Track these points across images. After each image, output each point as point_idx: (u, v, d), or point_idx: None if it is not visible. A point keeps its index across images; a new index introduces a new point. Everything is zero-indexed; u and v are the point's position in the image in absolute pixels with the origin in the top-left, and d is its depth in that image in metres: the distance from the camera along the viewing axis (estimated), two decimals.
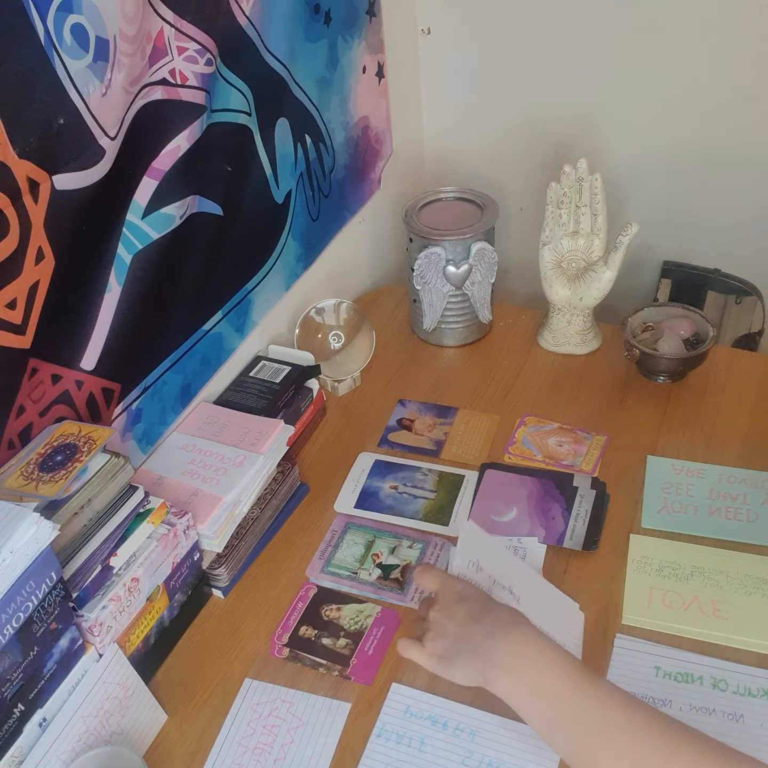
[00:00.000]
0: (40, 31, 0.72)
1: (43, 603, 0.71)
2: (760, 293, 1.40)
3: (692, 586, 0.90)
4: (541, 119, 1.44)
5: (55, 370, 0.85)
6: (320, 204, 1.27)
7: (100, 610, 0.78)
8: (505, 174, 1.52)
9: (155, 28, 0.86)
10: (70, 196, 0.79)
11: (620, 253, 1.16)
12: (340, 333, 1.28)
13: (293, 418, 1.11)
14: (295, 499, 1.07)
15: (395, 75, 1.39)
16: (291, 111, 1.14)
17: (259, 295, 1.17)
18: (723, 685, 0.82)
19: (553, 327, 1.27)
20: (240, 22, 0.99)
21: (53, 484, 0.75)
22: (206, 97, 0.94)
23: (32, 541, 0.68)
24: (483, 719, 0.82)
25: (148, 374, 0.99)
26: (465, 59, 1.45)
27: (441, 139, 1.57)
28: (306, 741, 0.82)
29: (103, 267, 0.88)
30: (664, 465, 1.05)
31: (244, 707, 0.85)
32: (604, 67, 1.34)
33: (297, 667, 0.89)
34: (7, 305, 0.76)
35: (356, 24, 1.24)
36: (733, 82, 1.27)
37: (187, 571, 0.91)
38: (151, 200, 0.91)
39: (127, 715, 0.81)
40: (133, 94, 0.85)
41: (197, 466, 0.99)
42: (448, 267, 1.23)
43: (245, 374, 1.16)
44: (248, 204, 1.09)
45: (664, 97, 1.33)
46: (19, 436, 0.82)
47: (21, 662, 0.70)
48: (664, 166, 1.40)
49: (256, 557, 1.01)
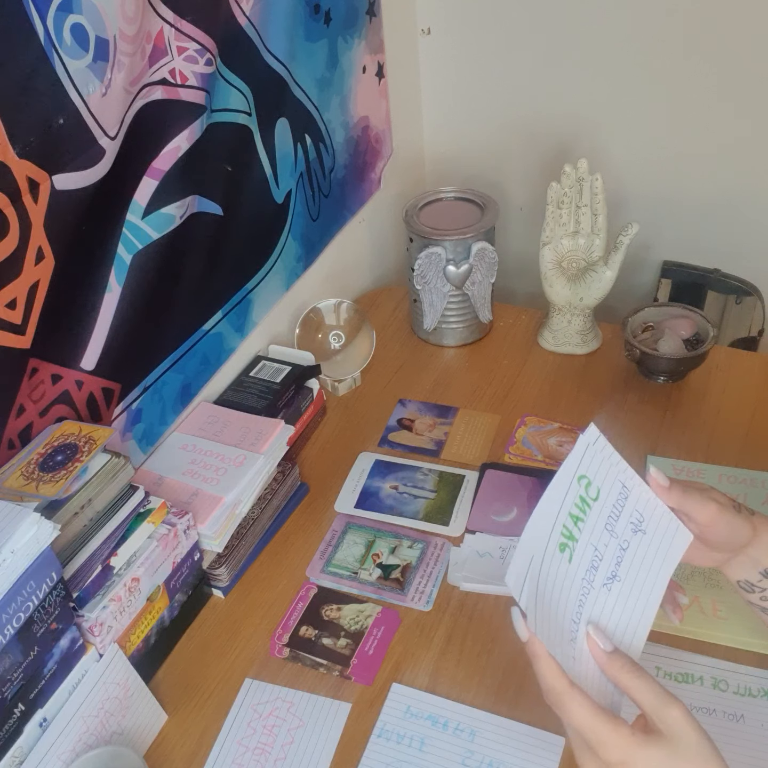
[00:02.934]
0: (40, 31, 0.72)
1: (44, 603, 0.71)
2: (760, 293, 1.40)
3: (692, 586, 0.90)
4: (541, 119, 1.44)
5: (55, 370, 0.85)
6: (320, 204, 1.27)
7: (100, 610, 0.78)
8: (506, 174, 1.52)
9: (155, 28, 0.86)
10: (70, 196, 0.79)
11: (620, 253, 1.16)
12: (340, 333, 1.28)
13: (293, 418, 1.11)
14: (296, 499, 1.07)
15: (395, 75, 1.39)
16: (291, 111, 1.14)
17: (259, 295, 1.17)
18: (723, 685, 0.82)
19: (553, 327, 1.27)
20: (240, 22, 0.99)
21: (54, 484, 0.75)
22: (206, 97, 0.94)
23: (33, 541, 0.68)
24: (483, 719, 0.82)
25: (148, 374, 0.99)
26: (465, 59, 1.45)
27: (441, 139, 1.57)
28: (306, 741, 0.82)
29: (103, 267, 0.88)
30: (664, 465, 1.05)
31: (244, 707, 0.85)
32: (605, 67, 1.34)
33: (297, 667, 0.89)
34: (7, 305, 0.76)
35: (356, 24, 1.24)
36: (734, 81, 1.27)
37: (188, 571, 0.91)
38: (151, 200, 0.91)
39: (128, 715, 0.81)
40: (133, 94, 0.85)
41: (197, 466, 0.99)
42: (449, 267, 1.23)
43: (245, 374, 1.16)
44: (248, 204, 1.09)
45: (664, 97, 1.33)
46: (19, 436, 0.82)
47: (21, 662, 0.70)
48: (664, 166, 1.40)
49: (257, 557, 1.01)
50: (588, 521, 0.63)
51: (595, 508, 0.64)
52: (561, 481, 0.64)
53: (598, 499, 0.64)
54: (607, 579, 0.63)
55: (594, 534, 0.63)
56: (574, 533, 0.63)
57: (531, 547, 0.63)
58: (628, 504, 0.65)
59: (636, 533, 0.64)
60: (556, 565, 0.63)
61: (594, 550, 0.63)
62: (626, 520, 0.64)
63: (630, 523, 0.64)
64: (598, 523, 0.64)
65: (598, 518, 0.64)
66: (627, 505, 0.65)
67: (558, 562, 0.63)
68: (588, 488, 0.64)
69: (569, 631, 0.62)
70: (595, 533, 0.63)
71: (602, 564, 0.63)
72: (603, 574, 0.63)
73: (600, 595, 0.63)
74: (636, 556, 0.64)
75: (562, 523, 0.63)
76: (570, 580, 0.63)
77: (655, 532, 0.65)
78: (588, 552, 0.63)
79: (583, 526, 0.63)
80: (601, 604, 0.63)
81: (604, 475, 0.65)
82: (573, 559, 0.63)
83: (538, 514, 0.63)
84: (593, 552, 0.63)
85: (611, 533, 0.64)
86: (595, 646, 0.61)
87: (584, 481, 0.64)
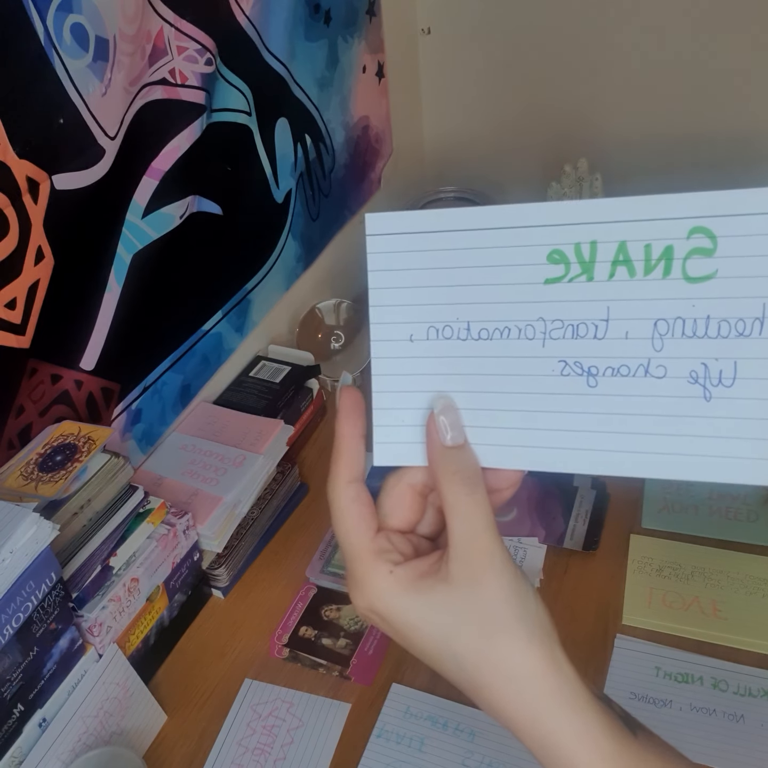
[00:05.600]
0: (40, 30, 0.72)
1: (43, 603, 0.70)
2: None
3: (693, 586, 0.90)
4: (541, 118, 1.44)
5: (55, 370, 0.85)
6: (320, 204, 1.27)
7: (99, 611, 0.78)
8: (505, 174, 1.52)
9: (155, 28, 0.86)
10: (69, 196, 0.79)
11: None
12: (340, 333, 1.27)
13: (293, 418, 1.11)
14: (295, 499, 1.07)
15: (395, 75, 1.39)
16: (291, 111, 1.14)
17: (259, 295, 1.17)
18: (723, 685, 0.82)
19: None
20: (240, 22, 0.99)
21: (53, 484, 0.75)
22: (206, 97, 0.94)
23: (32, 542, 0.68)
24: (483, 719, 0.82)
25: (148, 374, 0.99)
26: (465, 59, 1.45)
27: (441, 139, 1.57)
28: (306, 741, 0.82)
29: (103, 267, 0.88)
30: None
31: (243, 708, 0.85)
32: (606, 67, 1.34)
33: (297, 668, 0.89)
34: (6, 305, 0.76)
35: (356, 24, 1.24)
36: (735, 80, 1.27)
37: (187, 572, 0.91)
38: (151, 200, 0.91)
39: (127, 715, 0.81)
40: (133, 94, 0.85)
41: (197, 466, 0.99)
42: None
43: (245, 374, 1.16)
44: (248, 204, 1.09)
45: (665, 97, 1.33)
46: (18, 436, 0.82)
47: (21, 662, 0.70)
48: (664, 166, 1.40)
49: (256, 557, 1.01)
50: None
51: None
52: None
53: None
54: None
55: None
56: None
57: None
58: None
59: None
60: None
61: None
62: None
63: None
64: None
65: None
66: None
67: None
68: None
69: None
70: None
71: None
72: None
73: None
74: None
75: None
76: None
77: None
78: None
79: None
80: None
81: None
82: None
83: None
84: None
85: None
86: (434, 432, 0.43)
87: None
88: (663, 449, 0.41)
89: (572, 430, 0.42)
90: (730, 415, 0.40)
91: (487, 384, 0.43)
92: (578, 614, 0.89)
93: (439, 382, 0.43)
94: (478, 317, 0.42)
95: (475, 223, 0.41)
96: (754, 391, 0.39)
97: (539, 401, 0.42)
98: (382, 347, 0.44)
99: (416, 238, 0.42)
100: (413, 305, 0.43)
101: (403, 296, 0.43)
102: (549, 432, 0.42)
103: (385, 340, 0.43)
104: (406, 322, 0.43)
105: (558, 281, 0.41)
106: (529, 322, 0.41)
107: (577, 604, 0.90)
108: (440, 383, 0.43)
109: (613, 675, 0.84)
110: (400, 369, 0.43)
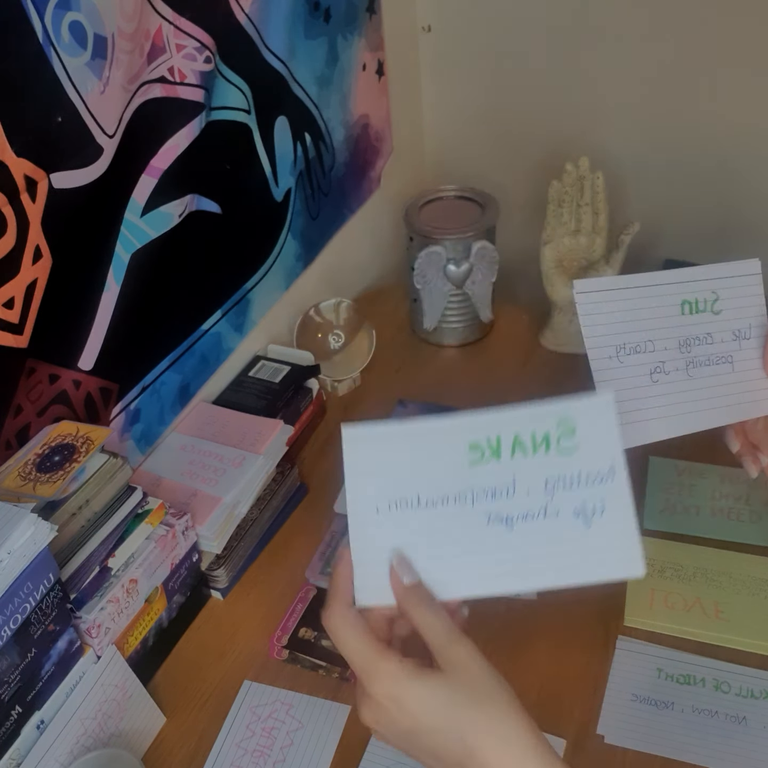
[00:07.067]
0: (38, 28, 0.72)
1: (41, 604, 0.70)
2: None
3: (694, 587, 0.90)
4: (542, 117, 1.44)
5: (53, 370, 0.85)
6: (320, 202, 1.27)
7: (98, 612, 0.78)
8: (506, 172, 1.52)
9: (154, 26, 0.85)
10: (67, 195, 0.79)
11: (622, 251, 1.16)
12: (340, 333, 1.27)
13: (293, 418, 1.11)
14: (295, 500, 1.06)
15: (395, 73, 1.39)
16: (290, 109, 1.13)
17: (258, 295, 1.17)
18: (725, 687, 0.82)
19: (554, 326, 1.26)
20: (239, 20, 0.99)
21: (51, 485, 0.75)
22: (205, 95, 0.94)
23: (30, 542, 0.67)
24: None
25: (147, 374, 0.99)
26: (465, 57, 1.45)
27: (441, 137, 1.57)
28: (305, 743, 0.81)
29: (101, 266, 0.88)
30: (666, 466, 1.05)
31: (243, 709, 0.85)
32: (606, 65, 1.34)
33: (296, 669, 0.88)
34: (4, 304, 0.76)
35: (356, 21, 1.24)
36: (736, 80, 1.27)
37: (186, 573, 0.91)
38: (150, 199, 0.90)
39: (126, 717, 0.80)
40: (132, 92, 0.85)
41: (196, 467, 0.99)
42: (449, 266, 1.22)
43: (244, 374, 1.16)
44: (247, 202, 1.09)
45: (666, 96, 1.33)
46: (16, 436, 0.82)
47: (18, 664, 0.69)
48: (666, 165, 1.39)
49: (256, 558, 1.00)
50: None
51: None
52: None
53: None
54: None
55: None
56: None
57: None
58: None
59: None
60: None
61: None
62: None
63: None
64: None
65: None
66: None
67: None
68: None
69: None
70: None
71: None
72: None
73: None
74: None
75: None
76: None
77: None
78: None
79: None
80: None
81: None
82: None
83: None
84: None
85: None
86: (396, 577, 0.59)
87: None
88: (560, 563, 0.62)
89: (499, 563, 0.60)
90: (604, 534, 0.60)
91: (436, 537, 0.60)
92: (579, 615, 0.89)
93: (400, 538, 0.60)
94: (425, 491, 0.60)
95: (424, 434, 0.61)
96: (618, 516, 0.61)
97: (473, 545, 0.60)
98: (356, 519, 0.60)
99: (390, 443, 0.61)
100: (378, 488, 0.60)
101: (371, 484, 0.60)
102: (481, 565, 0.60)
103: (359, 512, 0.60)
104: (373, 498, 0.60)
105: (478, 463, 0.60)
106: (461, 491, 0.60)
107: (579, 606, 0.90)
108: (401, 540, 0.60)
109: (614, 677, 0.83)
110: (370, 532, 0.60)
